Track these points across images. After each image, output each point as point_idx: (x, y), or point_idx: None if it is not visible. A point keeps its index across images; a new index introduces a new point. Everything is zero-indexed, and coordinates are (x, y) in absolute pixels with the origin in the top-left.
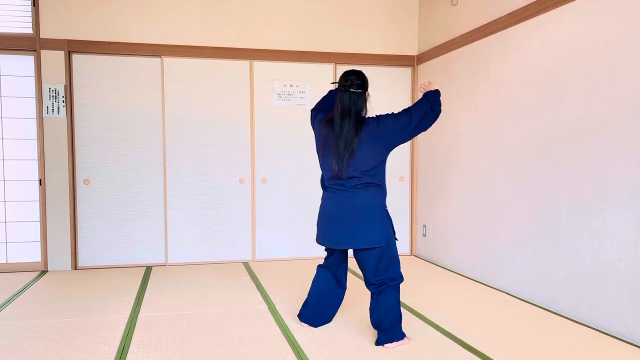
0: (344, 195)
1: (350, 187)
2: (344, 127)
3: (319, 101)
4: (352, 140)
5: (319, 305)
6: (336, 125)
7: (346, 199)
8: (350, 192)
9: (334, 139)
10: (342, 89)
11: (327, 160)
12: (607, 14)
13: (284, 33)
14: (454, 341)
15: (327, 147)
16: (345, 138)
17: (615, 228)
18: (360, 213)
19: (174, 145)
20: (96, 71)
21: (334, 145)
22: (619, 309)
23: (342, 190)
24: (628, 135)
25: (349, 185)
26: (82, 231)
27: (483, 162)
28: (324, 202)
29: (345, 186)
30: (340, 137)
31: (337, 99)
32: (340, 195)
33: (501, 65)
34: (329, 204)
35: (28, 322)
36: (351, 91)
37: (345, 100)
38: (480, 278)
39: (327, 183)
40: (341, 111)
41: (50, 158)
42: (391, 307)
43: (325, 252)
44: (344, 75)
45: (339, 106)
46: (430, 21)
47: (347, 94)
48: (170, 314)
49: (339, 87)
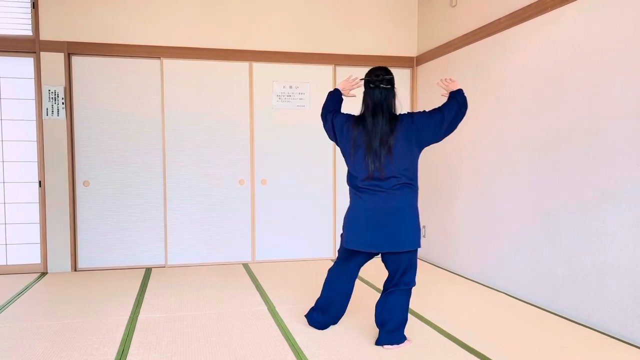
0: (381, 197)
1: (388, 188)
2: (377, 124)
3: (325, 105)
4: (387, 137)
5: (333, 307)
6: (368, 123)
7: (384, 200)
8: (388, 194)
9: (366, 137)
10: (371, 85)
11: (360, 160)
12: (606, 14)
13: (283, 34)
14: (454, 342)
15: (359, 147)
16: (380, 135)
17: (615, 228)
18: (400, 215)
19: (173, 147)
20: (95, 73)
21: (367, 144)
22: (619, 309)
23: (380, 192)
24: (628, 135)
25: (386, 186)
26: (82, 233)
27: (483, 163)
28: (358, 204)
29: (382, 187)
30: (373, 135)
31: (365, 96)
32: (378, 196)
33: (500, 66)
34: (364, 207)
35: (28, 323)
36: (381, 87)
37: (376, 96)
38: (480, 279)
39: (360, 184)
40: (373, 108)
41: (49, 160)
42: (400, 309)
43: (345, 253)
44: (373, 71)
45: (370, 103)
46: (429, 22)
47: (378, 90)
48: (170, 315)
49: (369, 84)
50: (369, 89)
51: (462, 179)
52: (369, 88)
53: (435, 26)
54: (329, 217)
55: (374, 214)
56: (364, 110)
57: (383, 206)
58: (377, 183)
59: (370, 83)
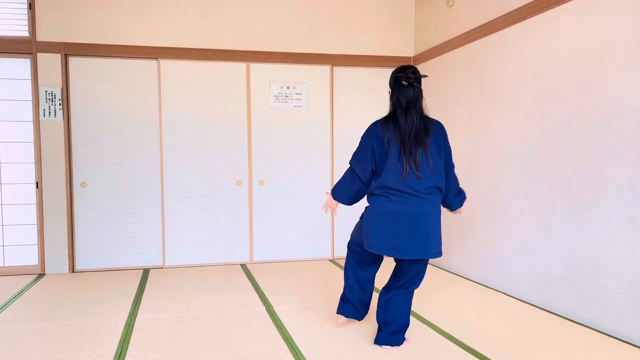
0: (414, 201)
1: (422, 192)
2: (412, 122)
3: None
4: (422, 135)
5: (365, 294)
6: (401, 122)
7: (416, 205)
8: (421, 198)
9: (400, 136)
10: (404, 82)
11: (393, 161)
12: (601, 14)
13: (280, 35)
14: (453, 342)
15: (392, 146)
16: (415, 133)
17: (612, 227)
18: (429, 221)
19: (171, 148)
20: (93, 74)
21: (402, 143)
22: (616, 308)
23: (412, 195)
24: (624, 135)
25: (421, 189)
26: (80, 234)
27: (480, 162)
28: (387, 207)
29: (416, 190)
30: (407, 133)
31: (398, 94)
32: (410, 200)
33: (497, 66)
34: (394, 210)
35: (25, 325)
36: (415, 85)
37: (409, 94)
38: (478, 279)
39: (393, 185)
40: (406, 105)
41: (47, 161)
42: (404, 312)
43: (366, 257)
44: (404, 69)
45: (403, 101)
46: (426, 22)
47: (412, 88)
48: (168, 316)
49: (401, 80)
50: (402, 86)
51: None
52: (401, 86)
53: (432, 26)
54: (327, 218)
55: (405, 218)
56: (394, 108)
57: (415, 211)
58: (411, 185)
59: (403, 80)
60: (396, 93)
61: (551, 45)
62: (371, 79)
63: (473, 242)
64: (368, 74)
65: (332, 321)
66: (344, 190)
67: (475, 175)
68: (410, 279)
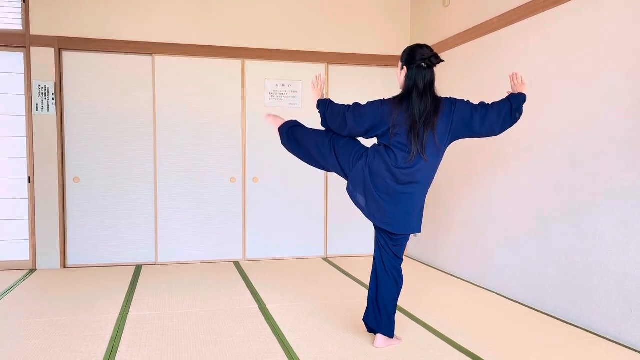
0: (398, 199)
1: (411, 187)
2: (426, 104)
3: (335, 106)
4: (432, 117)
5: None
6: (415, 103)
7: (399, 201)
8: (407, 195)
9: (410, 119)
10: (424, 65)
11: (402, 139)
12: (596, 16)
13: (276, 32)
14: (445, 341)
15: (399, 125)
16: (426, 115)
17: (604, 229)
18: (415, 198)
19: (164, 144)
20: (86, 69)
21: (410, 125)
22: (607, 309)
23: (401, 194)
24: (618, 136)
25: (420, 178)
26: (72, 229)
27: (473, 163)
28: (385, 162)
29: (410, 180)
30: (419, 115)
31: (416, 75)
32: (395, 198)
33: (492, 66)
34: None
35: (15, 320)
36: (433, 68)
37: (427, 77)
38: (470, 278)
39: (401, 165)
40: (423, 88)
41: (39, 156)
42: (394, 299)
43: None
44: (423, 49)
45: (421, 83)
46: (422, 22)
47: (430, 71)
48: (160, 313)
49: (421, 62)
50: (420, 68)
51: (454, 180)
52: (420, 67)
53: (428, 26)
54: (320, 216)
55: (392, 191)
56: (410, 89)
57: (401, 190)
58: (410, 174)
59: (423, 62)
60: (414, 74)
61: (545, 46)
62: (366, 78)
63: (465, 241)
64: (363, 72)
65: (325, 319)
66: (332, 120)
67: (468, 175)
68: (392, 257)
